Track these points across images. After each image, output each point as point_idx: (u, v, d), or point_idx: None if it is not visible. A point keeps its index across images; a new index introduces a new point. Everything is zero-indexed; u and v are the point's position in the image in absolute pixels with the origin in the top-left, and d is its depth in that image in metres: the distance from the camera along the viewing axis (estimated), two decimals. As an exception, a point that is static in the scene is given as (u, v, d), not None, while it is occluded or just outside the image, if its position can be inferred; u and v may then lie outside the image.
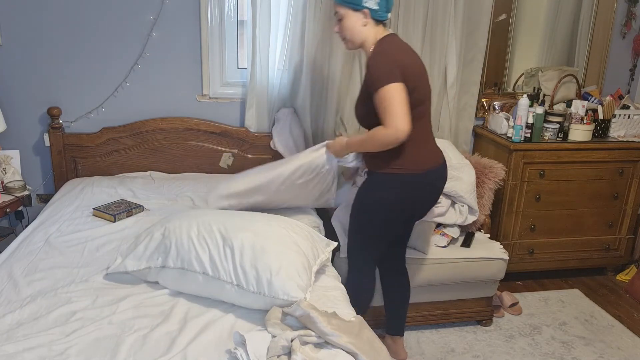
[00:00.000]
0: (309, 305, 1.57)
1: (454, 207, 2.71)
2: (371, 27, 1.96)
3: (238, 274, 1.68)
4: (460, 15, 2.95)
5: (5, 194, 2.68)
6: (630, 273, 3.32)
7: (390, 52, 1.90)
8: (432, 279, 2.55)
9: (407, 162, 1.96)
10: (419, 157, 1.99)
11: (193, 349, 1.50)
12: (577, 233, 3.19)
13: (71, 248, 2.07)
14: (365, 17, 1.93)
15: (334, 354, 1.47)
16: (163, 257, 1.79)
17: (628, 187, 3.17)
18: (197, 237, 1.78)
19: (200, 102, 2.97)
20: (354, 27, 1.96)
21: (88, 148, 2.86)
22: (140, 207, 2.42)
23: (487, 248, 2.66)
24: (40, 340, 1.50)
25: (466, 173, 2.73)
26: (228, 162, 3.01)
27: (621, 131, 3.16)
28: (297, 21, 2.79)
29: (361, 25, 1.95)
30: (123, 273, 1.84)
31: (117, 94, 2.87)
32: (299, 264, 1.74)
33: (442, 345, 2.60)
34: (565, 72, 3.25)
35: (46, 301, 1.70)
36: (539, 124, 2.96)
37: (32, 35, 2.71)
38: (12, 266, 1.92)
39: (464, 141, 3.24)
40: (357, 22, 1.94)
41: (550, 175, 3.02)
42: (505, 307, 2.90)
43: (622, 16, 3.38)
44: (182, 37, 2.84)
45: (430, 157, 2.05)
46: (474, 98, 3.19)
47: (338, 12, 1.97)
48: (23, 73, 2.75)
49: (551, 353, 2.58)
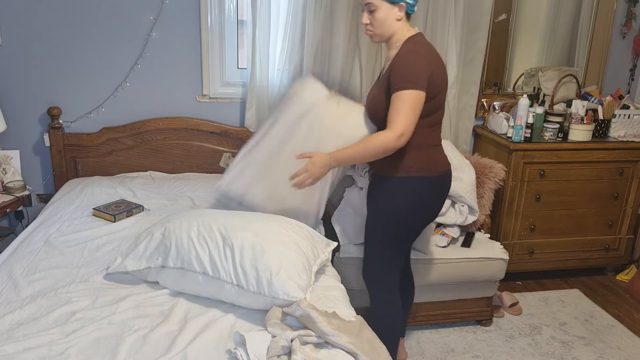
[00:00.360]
0: (308, 305, 1.57)
1: (454, 207, 2.71)
2: (403, 21, 1.91)
3: (238, 274, 1.68)
4: (460, 15, 2.96)
5: (5, 194, 2.69)
6: (630, 273, 3.32)
7: (424, 56, 1.85)
8: (432, 279, 2.55)
9: (432, 164, 1.95)
10: (440, 159, 2.01)
11: (193, 349, 1.50)
12: (577, 233, 3.19)
13: (71, 248, 2.07)
14: (400, 10, 1.87)
15: (334, 354, 1.47)
16: (163, 257, 1.79)
17: (628, 187, 3.17)
18: (197, 237, 1.78)
19: (200, 102, 2.97)
20: (386, 20, 1.87)
21: (88, 148, 2.86)
22: (140, 207, 2.42)
23: (487, 248, 2.66)
24: (40, 340, 1.50)
25: (466, 173, 2.73)
26: (228, 162, 3.01)
27: (621, 131, 3.16)
28: (297, 21, 2.79)
29: (395, 19, 1.87)
30: (123, 273, 1.85)
31: (117, 94, 2.87)
32: (299, 264, 1.74)
33: (442, 345, 2.60)
34: (565, 72, 3.25)
35: (46, 301, 1.70)
36: (539, 124, 2.96)
37: (32, 35, 2.71)
38: (12, 266, 1.92)
39: (464, 141, 3.24)
40: (392, 15, 1.87)
41: (550, 175, 3.02)
42: (505, 307, 2.90)
43: (622, 16, 3.38)
44: (182, 37, 2.84)
45: (446, 161, 2.04)
46: (474, 98, 3.19)
47: (372, 2, 1.86)
48: (23, 73, 2.75)
49: (551, 353, 2.58)
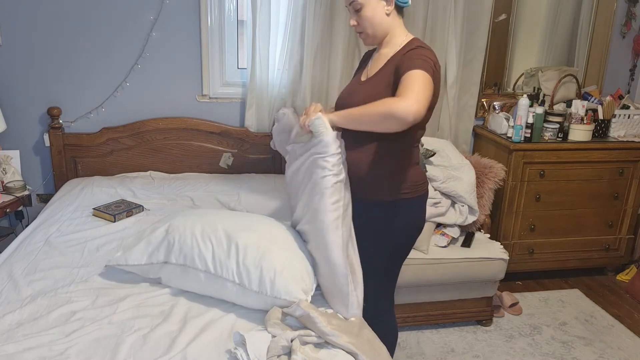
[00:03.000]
0: (308, 305, 1.57)
1: (454, 207, 2.71)
2: (394, 16, 1.73)
3: (241, 272, 1.68)
4: (460, 15, 2.96)
5: (5, 194, 2.68)
6: (630, 273, 3.32)
7: (435, 58, 1.67)
8: (432, 279, 2.55)
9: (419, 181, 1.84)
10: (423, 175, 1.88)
11: (193, 349, 1.50)
12: (577, 233, 3.18)
13: (71, 248, 2.06)
14: (388, 4, 1.69)
15: (334, 354, 1.47)
16: (165, 253, 1.78)
17: (628, 187, 3.17)
18: (201, 234, 1.78)
19: (200, 102, 2.97)
20: (374, 17, 1.70)
21: (88, 148, 2.86)
22: (140, 207, 2.42)
23: (487, 248, 2.66)
24: (40, 340, 1.50)
25: (466, 173, 2.73)
26: (228, 162, 3.01)
27: (621, 131, 3.16)
28: (297, 21, 2.79)
29: (384, 14, 1.70)
30: (124, 266, 1.83)
31: (117, 94, 2.87)
32: (303, 267, 1.73)
33: (442, 345, 2.60)
34: (565, 72, 3.25)
35: (46, 301, 1.70)
36: (539, 124, 2.96)
37: (32, 35, 2.71)
38: (12, 266, 1.92)
39: (464, 141, 3.24)
40: (380, 10, 1.69)
41: (550, 175, 3.02)
42: (505, 307, 2.90)
43: (622, 16, 3.38)
44: (182, 37, 2.84)
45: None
46: (474, 98, 3.19)
47: (355, 1, 1.69)
48: (23, 73, 2.75)
49: (551, 353, 2.58)
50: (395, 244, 1.85)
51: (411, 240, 1.91)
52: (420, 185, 1.84)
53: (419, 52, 1.65)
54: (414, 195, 1.81)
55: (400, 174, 1.78)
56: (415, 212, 1.86)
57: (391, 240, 1.83)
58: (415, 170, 1.83)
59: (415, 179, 1.82)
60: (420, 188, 1.83)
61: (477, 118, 3.28)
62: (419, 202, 1.85)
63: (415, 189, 1.81)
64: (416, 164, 1.84)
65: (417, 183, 1.82)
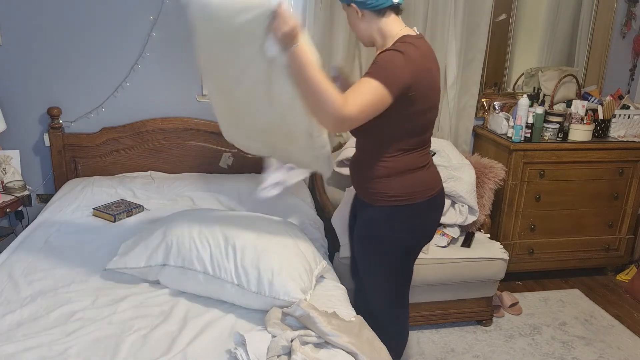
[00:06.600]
0: (308, 305, 1.58)
1: (454, 207, 2.71)
2: (372, 20, 1.70)
3: (239, 273, 1.68)
4: (460, 15, 2.96)
5: (5, 194, 2.68)
6: (630, 273, 3.32)
7: (410, 61, 1.61)
8: (432, 279, 2.55)
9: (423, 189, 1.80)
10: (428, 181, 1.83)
11: (193, 349, 1.50)
12: (577, 233, 3.18)
13: (71, 248, 2.07)
14: (359, 7, 1.69)
15: (334, 354, 1.47)
16: (164, 255, 1.79)
17: (628, 187, 3.17)
18: (198, 236, 1.78)
19: (200, 102, 2.97)
20: (353, 24, 1.76)
21: (88, 148, 2.86)
22: (140, 207, 2.42)
23: (487, 248, 2.66)
24: (40, 340, 1.51)
25: (466, 173, 2.73)
26: (228, 162, 3.01)
27: (621, 131, 3.16)
28: (297, 21, 2.79)
29: (357, 20, 1.72)
30: (123, 269, 1.84)
31: (117, 94, 2.87)
32: (301, 267, 1.73)
33: (442, 345, 2.60)
34: (565, 72, 3.25)
35: (46, 301, 1.70)
36: (539, 124, 2.96)
37: (32, 35, 2.70)
38: (12, 266, 1.92)
39: (464, 141, 3.24)
40: (353, 17, 1.73)
41: (550, 175, 3.02)
42: (505, 307, 2.90)
43: (622, 16, 3.38)
44: (182, 37, 2.83)
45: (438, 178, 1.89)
46: (474, 98, 3.19)
47: (343, 9, 1.78)
48: (23, 73, 2.75)
49: (551, 353, 2.58)
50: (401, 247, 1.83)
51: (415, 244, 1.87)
52: (423, 191, 1.78)
53: (383, 56, 1.64)
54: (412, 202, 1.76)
55: (402, 179, 1.75)
56: (421, 218, 1.81)
57: (395, 244, 1.81)
58: (422, 174, 1.78)
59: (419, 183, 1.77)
60: (426, 193, 1.78)
61: (477, 118, 3.28)
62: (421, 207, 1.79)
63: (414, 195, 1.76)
64: (422, 167, 1.79)
65: (422, 189, 1.77)
